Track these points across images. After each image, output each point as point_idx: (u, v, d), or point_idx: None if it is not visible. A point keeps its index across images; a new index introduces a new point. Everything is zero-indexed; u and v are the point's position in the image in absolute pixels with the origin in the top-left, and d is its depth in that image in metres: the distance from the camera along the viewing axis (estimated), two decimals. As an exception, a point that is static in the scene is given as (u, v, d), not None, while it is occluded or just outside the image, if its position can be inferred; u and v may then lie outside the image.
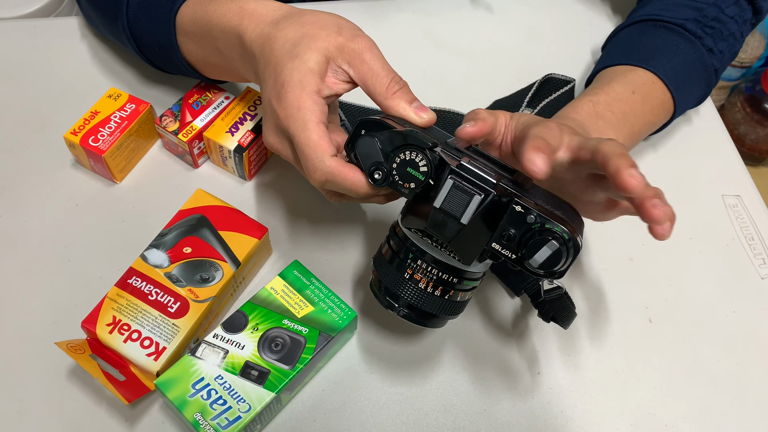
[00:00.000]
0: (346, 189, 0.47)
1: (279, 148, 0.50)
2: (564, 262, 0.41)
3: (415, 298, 0.46)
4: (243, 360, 0.50)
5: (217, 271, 0.55)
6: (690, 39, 0.64)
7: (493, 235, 0.43)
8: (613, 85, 0.60)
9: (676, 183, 0.69)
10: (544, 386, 0.56)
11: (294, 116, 0.46)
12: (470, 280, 0.47)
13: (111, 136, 0.61)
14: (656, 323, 0.60)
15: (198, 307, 0.53)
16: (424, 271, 0.46)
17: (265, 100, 0.50)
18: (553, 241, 0.40)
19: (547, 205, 0.42)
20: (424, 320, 0.48)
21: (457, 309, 0.48)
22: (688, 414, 0.55)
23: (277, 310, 0.53)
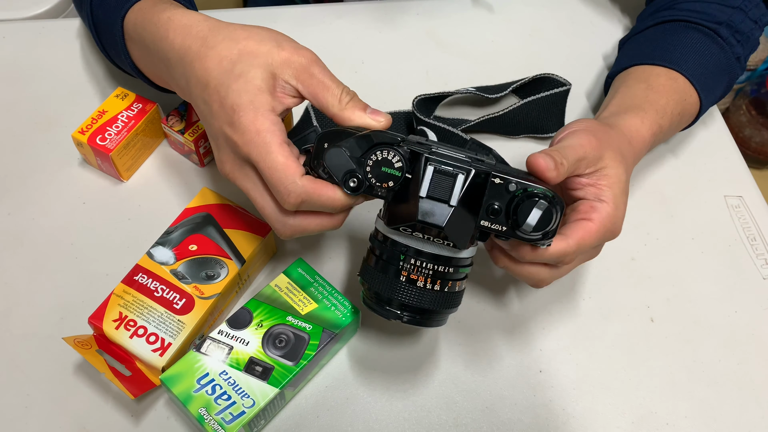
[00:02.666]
0: (323, 205, 0.45)
1: (238, 177, 0.47)
2: (556, 219, 0.43)
3: (417, 299, 0.46)
4: (247, 356, 0.51)
5: (222, 268, 0.55)
6: (722, 45, 0.64)
7: (479, 214, 0.44)
8: (666, 104, 0.60)
9: (678, 183, 0.69)
10: (546, 384, 0.56)
11: (254, 141, 0.44)
12: (464, 267, 0.48)
13: (118, 135, 0.62)
14: (658, 323, 0.60)
15: (203, 304, 0.53)
16: (419, 269, 0.46)
17: (215, 128, 0.47)
18: (541, 200, 0.42)
19: (520, 175, 0.44)
20: (428, 320, 0.48)
21: (456, 300, 0.48)
22: (689, 413, 0.56)
23: (282, 307, 0.53)
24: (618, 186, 0.49)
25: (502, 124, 0.70)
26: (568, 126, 0.53)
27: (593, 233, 0.48)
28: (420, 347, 0.57)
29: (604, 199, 0.49)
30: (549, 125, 0.70)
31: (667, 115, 0.60)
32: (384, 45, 0.78)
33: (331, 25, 0.78)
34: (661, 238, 0.65)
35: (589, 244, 0.48)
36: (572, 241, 0.47)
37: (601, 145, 0.50)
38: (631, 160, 0.55)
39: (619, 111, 0.59)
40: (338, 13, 0.79)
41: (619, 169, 0.50)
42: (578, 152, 0.48)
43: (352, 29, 0.78)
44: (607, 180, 0.49)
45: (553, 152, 0.46)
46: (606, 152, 0.50)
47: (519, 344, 0.58)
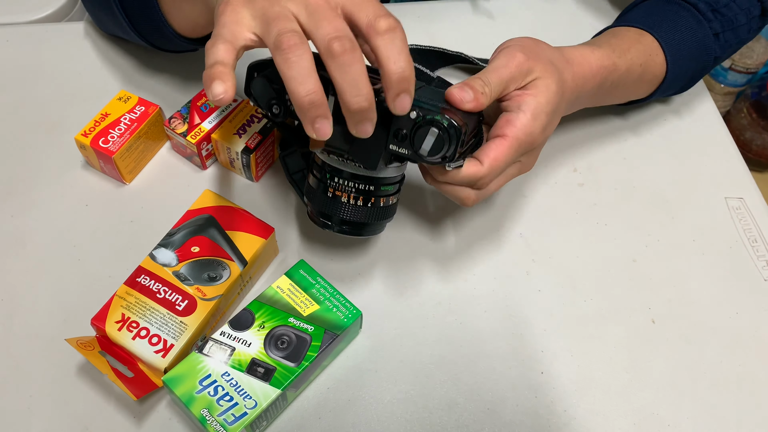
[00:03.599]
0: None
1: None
2: (449, 146, 0.45)
3: (344, 213, 0.51)
4: (249, 357, 0.51)
5: (224, 270, 0.55)
6: (699, 19, 0.65)
7: (388, 137, 0.46)
8: (626, 49, 0.61)
9: (679, 185, 0.69)
10: (548, 386, 0.56)
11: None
12: (387, 185, 0.51)
13: (121, 137, 0.62)
14: (659, 324, 0.60)
15: (205, 306, 0.54)
16: (343, 186, 0.50)
17: None
18: (432, 128, 0.45)
19: (431, 101, 0.46)
20: (359, 230, 0.53)
21: (385, 213, 0.53)
22: (690, 414, 0.56)
23: (284, 308, 0.53)
24: (543, 95, 0.50)
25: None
26: (502, 44, 0.53)
27: (505, 150, 0.49)
28: (422, 348, 0.57)
29: (522, 108, 0.50)
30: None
31: (626, 58, 0.61)
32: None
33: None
34: (662, 239, 0.65)
35: (504, 161, 0.49)
36: (484, 165, 0.49)
37: (529, 58, 0.50)
38: (569, 79, 0.55)
39: (574, 47, 0.59)
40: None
41: (548, 80, 0.50)
42: (503, 74, 0.49)
43: (354, 32, 0.78)
44: (533, 89, 0.50)
45: (474, 81, 0.48)
46: (536, 65, 0.50)
47: (521, 346, 0.58)
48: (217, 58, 0.41)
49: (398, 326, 0.58)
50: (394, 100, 0.42)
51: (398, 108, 0.42)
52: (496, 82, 0.49)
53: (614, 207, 0.67)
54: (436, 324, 0.59)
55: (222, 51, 0.41)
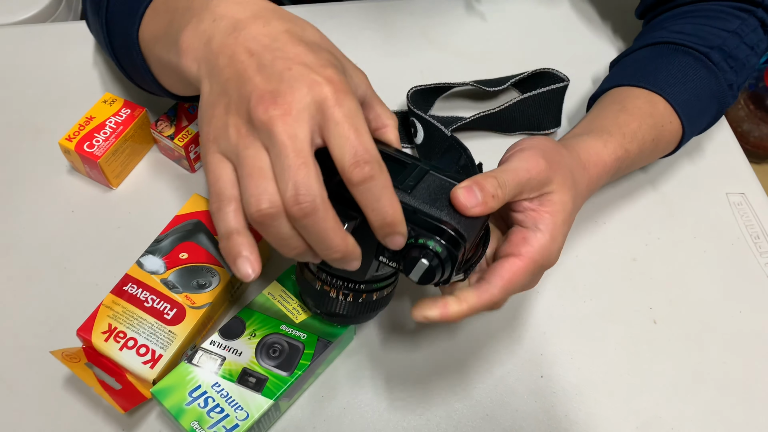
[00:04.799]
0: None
1: (250, 144, 0.38)
2: (441, 276, 0.41)
3: (332, 307, 0.47)
4: (240, 367, 0.49)
5: (213, 276, 0.54)
6: (713, 71, 0.61)
7: (378, 247, 0.42)
8: (638, 128, 0.57)
9: (678, 181, 0.68)
10: (548, 390, 0.55)
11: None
12: (380, 281, 0.47)
13: (106, 141, 0.60)
14: (661, 324, 0.59)
15: (195, 314, 0.52)
16: (331, 282, 0.46)
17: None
18: (422, 260, 0.40)
19: (426, 205, 0.42)
20: (348, 321, 0.50)
21: (378, 305, 0.49)
22: (694, 416, 0.54)
23: (275, 315, 0.52)
24: (561, 215, 0.46)
25: (498, 120, 0.68)
26: (519, 144, 0.49)
27: (521, 272, 0.45)
28: (418, 355, 0.56)
29: (540, 228, 0.45)
30: (545, 122, 0.69)
31: (637, 140, 0.57)
32: (377, 45, 0.76)
33: (322, 26, 0.75)
34: (662, 237, 0.64)
35: (518, 284, 0.45)
36: (497, 289, 0.44)
37: (551, 167, 0.46)
38: (584, 188, 0.52)
39: (582, 132, 0.56)
40: (330, 14, 0.78)
41: (565, 196, 0.47)
42: (521, 176, 0.45)
43: (344, 29, 0.76)
44: (550, 206, 0.46)
45: (486, 180, 0.43)
46: (555, 176, 0.46)
47: (519, 349, 0.57)
48: (229, 226, 0.38)
49: (393, 331, 0.57)
50: (383, 241, 0.39)
51: (389, 246, 0.40)
52: (512, 185, 0.44)
53: (613, 205, 0.66)
54: (432, 328, 0.57)
55: (232, 215, 0.38)
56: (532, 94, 0.67)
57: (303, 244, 0.39)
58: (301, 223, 0.37)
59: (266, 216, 0.37)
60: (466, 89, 0.72)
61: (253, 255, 0.39)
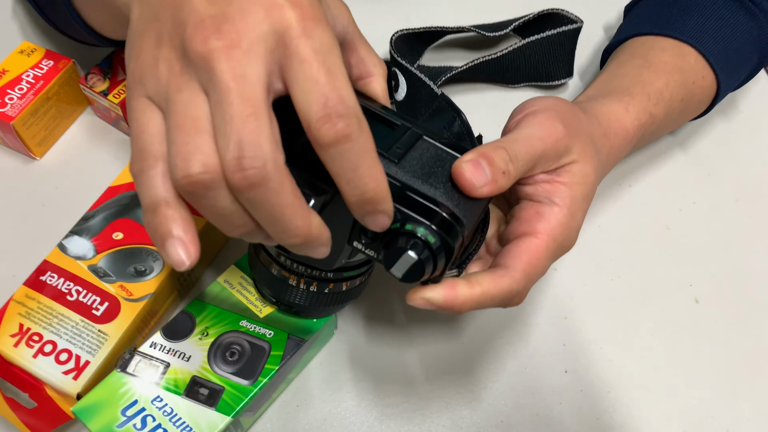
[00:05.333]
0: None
1: (184, 86, 0.27)
2: (431, 272, 0.32)
3: (292, 297, 0.38)
4: (189, 375, 0.38)
5: (156, 260, 0.43)
6: (753, 12, 0.50)
7: (352, 230, 0.32)
8: (664, 87, 0.47)
9: (714, 136, 0.58)
10: (574, 388, 0.45)
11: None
12: (352, 269, 0.38)
13: (23, 99, 0.49)
14: (704, 304, 0.49)
15: (132, 308, 0.41)
16: (292, 268, 0.37)
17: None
18: (409, 252, 0.31)
19: (417, 180, 0.32)
20: (310, 314, 0.41)
21: (348, 297, 0.39)
22: (752, 414, 0.45)
23: (233, 308, 0.41)
24: (580, 188, 0.37)
25: (499, 68, 0.58)
26: (527, 105, 0.39)
27: (542, 253, 0.36)
28: (415, 351, 0.46)
29: (556, 202, 0.36)
30: (555, 71, 0.58)
31: (664, 101, 0.47)
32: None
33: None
34: (698, 201, 0.54)
35: (539, 267, 0.36)
36: (518, 273, 0.35)
37: (569, 134, 0.37)
38: (606, 158, 0.43)
39: (599, 94, 0.46)
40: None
41: (588, 167, 0.38)
42: (535, 147, 0.35)
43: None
44: (568, 177, 0.37)
45: (495, 152, 0.34)
46: (575, 144, 0.37)
47: (538, 340, 0.47)
48: (154, 194, 0.28)
49: (383, 323, 0.46)
50: (362, 220, 0.30)
51: (370, 227, 0.30)
52: (525, 157, 0.35)
53: (640, 164, 0.55)
54: (430, 317, 0.47)
55: (159, 181, 0.28)
56: (540, 36, 0.56)
57: (250, 222, 0.28)
58: (247, 195, 0.26)
59: (197, 184, 0.26)
60: (461, 37, 0.62)
61: (187, 234, 0.28)
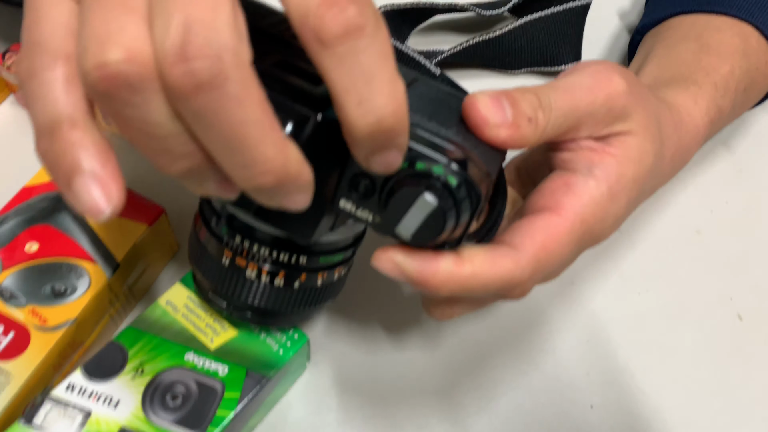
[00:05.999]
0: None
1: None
2: (454, 225, 0.23)
3: (250, 296, 0.29)
4: (117, 426, 0.29)
5: (79, 278, 0.34)
6: None
7: (338, 187, 0.24)
8: (729, 74, 0.39)
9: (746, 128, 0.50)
10: (603, 425, 0.37)
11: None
12: (331, 254, 0.29)
13: None
14: (749, 321, 0.41)
15: (46, 340, 0.32)
16: (252, 253, 0.28)
17: None
18: (426, 195, 0.22)
19: (420, 117, 0.24)
20: (275, 321, 0.32)
21: (325, 295, 0.31)
22: (817, 456, 0.37)
23: (177, 338, 0.32)
24: (634, 166, 0.29)
25: (498, 51, 0.50)
26: (585, 62, 0.31)
27: (563, 235, 0.27)
28: (404, 382, 0.37)
29: (596, 174, 0.28)
30: (561, 53, 0.51)
31: (730, 92, 0.39)
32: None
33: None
34: (731, 201, 0.46)
35: (555, 254, 0.27)
36: (524, 256, 0.26)
37: (630, 93, 0.29)
38: (670, 159, 0.33)
39: (656, 81, 0.38)
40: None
41: (646, 144, 0.29)
42: (579, 99, 0.27)
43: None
44: (621, 149, 0.29)
45: (521, 94, 0.26)
46: (636, 110, 0.29)
47: (556, 369, 0.38)
48: (53, 109, 0.20)
49: (366, 350, 0.38)
50: (365, 160, 0.21)
51: (375, 169, 0.22)
52: (564, 108, 0.27)
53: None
54: (424, 339, 0.39)
55: (59, 86, 0.20)
56: (544, 14, 0.49)
57: (196, 152, 0.19)
58: (193, 103, 0.18)
59: (116, 78, 0.17)
60: (452, 17, 0.54)
61: (105, 167, 0.20)
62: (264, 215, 0.24)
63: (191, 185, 0.21)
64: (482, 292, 0.26)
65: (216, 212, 0.29)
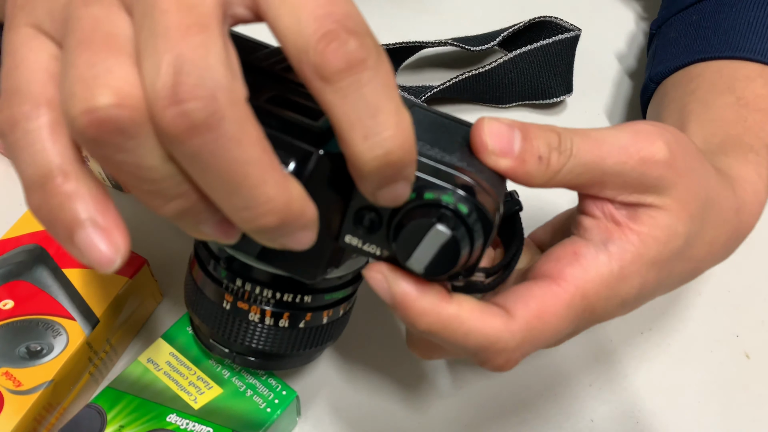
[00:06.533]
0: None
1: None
2: (468, 255, 0.23)
3: (253, 339, 0.28)
4: (94, 498, 0.28)
5: (57, 336, 0.32)
6: None
7: (342, 222, 0.23)
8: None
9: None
10: (609, 478, 0.35)
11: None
12: (334, 291, 0.28)
13: None
14: (756, 359, 0.40)
15: (20, 404, 0.30)
16: (254, 296, 0.27)
17: None
18: (438, 226, 0.22)
19: (422, 144, 0.23)
20: (279, 364, 0.31)
21: (329, 335, 0.30)
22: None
23: (159, 398, 0.31)
24: (657, 247, 0.26)
25: (489, 85, 0.49)
26: (638, 121, 0.28)
27: (559, 310, 0.25)
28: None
29: (610, 249, 0.26)
30: (552, 86, 0.50)
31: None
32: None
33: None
34: (732, 232, 0.45)
35: (550, 329, 0.25)
36: (517, 324, 0.24)
37: (672, 165, 0.26)
38: (729, 236, 0.30)
39: (709, 148, 0.34)
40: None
41: (678, 225, 0.26)
42: (608, 154, 0.25)
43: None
44: (647, 226, 0.26)
45: (540, 131, 0.25)
46: (678, 183, 0.26)
47: (557, 412, 0.37)
48: (44, 161, 0.19)
49: (360, 402, 0.36)
50: (373, 195, 0.21)
51: (383, 203, 0.21)
52: (586, 158, 0.25)
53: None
54: (419, 389, 0.37)
55: (45, 135, 0.19)
56: (533, 47, 0.48)
57: (191, 193, 0.19)
58: (187, 146, 0.17)
59: (106, 124, 0.17)
60: (440, 52, 0.53)
61: (105, 215, 0.19)
62: (267, 258, 0.23)
63: (187, 227, 0.20)
64: (461, 343, 0.24)
65: (213, 254, 0.28)
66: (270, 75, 0.23)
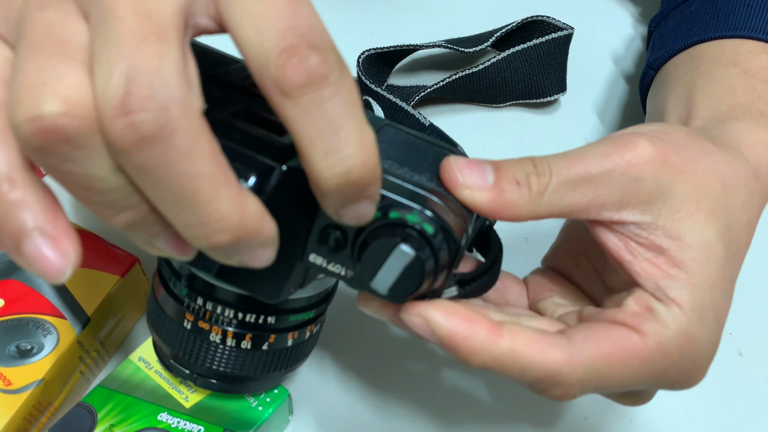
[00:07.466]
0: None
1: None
2: (433, 278, 0.22)
3: (211, 360, 0.27)
4: (84, 498, 0.28)
5: (47, 335, 0.32)
6: None
7: (307, 241, 0.23)
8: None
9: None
10: (603, 476, 0.35)
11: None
12: (301, 312, 0.28)
13: None
14: (749, 357, 0.40)
15: (10, 403, 0.30)
16: (215, 316, 0.27)
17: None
18: (402, 246, 0.21)
19: (391, 162, 0.24)
20: (243, 387, 0.30)
21: (294, 358, 0.29)
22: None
23: (150, 397, 0.30)
24: (704, 268, 0.24)
25: (482, 85, 0.49)
26: (617, 133, 0.27)
27: (636, 361, 0.24)
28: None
29: (673, 297, 0.24)
30: (545, 85, 0.50)
31: None
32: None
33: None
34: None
35: (617, 374, 0.24)
36: (580, 357, 0.23)
37: (668, 166, 0.25)
38: (752, 212, 0.28)
39: (716, 117, 0.33)
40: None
41: (702, 228, 0.25)
42: (591, 165, 0.24)
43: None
44: (680, 252, 0.24)
45: (512, 161, 0.24)
46: (679, 182, 0.25)
47: (550, 410, 0.37)
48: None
49: (353, 401, 0.36)
50: (336, 213, 0.20)
51: (346, 221, 0.21)
52: (568, 174, 0.24)
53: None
54: (413, 388, 0.37)
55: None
56: (526, 46, 0.48)
57: (142, 205, 0.18)
58: (136, 158, 0.17)
59: (52, 133, 0.16)
60: (433, 53, 0.53)
61: (54, 223, 0.18)
62: (226, 276, 0.22)
63: (139, 241, 0.19)
64: (518, 378, 0.23)
65: (175, 271, 0.27)
66: (240, 89, 0.23)
